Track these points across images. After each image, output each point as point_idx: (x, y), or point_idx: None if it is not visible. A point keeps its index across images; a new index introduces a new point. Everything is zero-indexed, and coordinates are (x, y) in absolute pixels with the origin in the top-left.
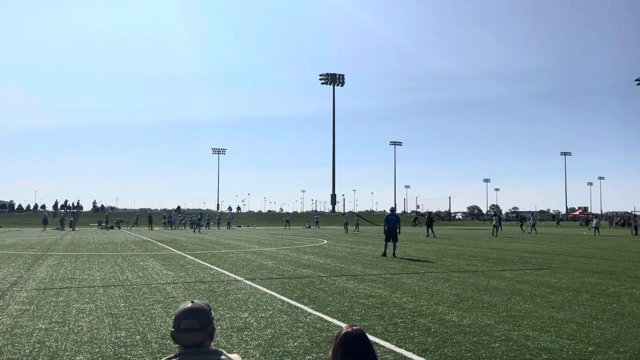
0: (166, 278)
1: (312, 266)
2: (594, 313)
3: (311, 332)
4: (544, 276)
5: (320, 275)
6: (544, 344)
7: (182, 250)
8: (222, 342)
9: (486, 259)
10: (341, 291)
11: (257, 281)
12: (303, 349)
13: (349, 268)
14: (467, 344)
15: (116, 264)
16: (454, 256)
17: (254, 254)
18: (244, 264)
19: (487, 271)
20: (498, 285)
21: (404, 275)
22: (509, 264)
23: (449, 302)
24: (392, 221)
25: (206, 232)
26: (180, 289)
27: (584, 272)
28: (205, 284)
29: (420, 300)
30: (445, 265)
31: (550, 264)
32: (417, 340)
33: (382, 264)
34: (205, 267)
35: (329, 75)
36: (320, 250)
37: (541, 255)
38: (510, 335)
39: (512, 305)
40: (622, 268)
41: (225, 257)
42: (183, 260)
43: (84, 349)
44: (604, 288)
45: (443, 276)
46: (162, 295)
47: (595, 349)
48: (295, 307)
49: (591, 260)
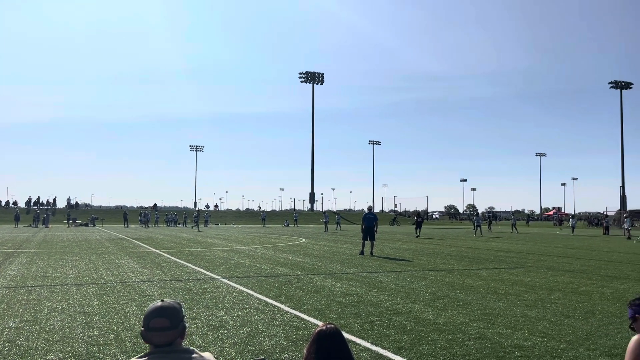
0: (141, 276)
1: (290, 264)
2: (565, 311)
3: (287, 331)
4: (518, 275)
5: (298, 273)
6: (517, 341)
7: (158, 248)
8: (197, 341)
9: (462, 257)
10: (318, 289)
11: (234, 279)
12: (279, 348)
13: (326, 266)
14: (442, 341)
15: (90, 261)
16: (431, 255)
17: (231, 252)
18: (220, 262)
19: (462, 270)
20: (473, 283)
21: (381, 274)
22: (485, 262)
23: (425, 300)
24: (370, 220)
25: (183, 231)
26: (156, 287)
27: (556, 271)
28: (182, 282)
29: (396, 298)
30: (421, 264)
31: (524, 263)
32: (392, 338)
33: (360, 262)
34: (181, 265)
35: (308, 74)
36: (298, 248)
37: (516, 254)
38: (485, 333)
39: (487, 304)
40: (593, 267)
41: (202, 255)
42: (159, 258)
43: (55, 348)
44: (576, 287)
45: (419, 275)
46: (137, 294)
47: (567, 346)
48: (272, 305)
49: (564, 260)
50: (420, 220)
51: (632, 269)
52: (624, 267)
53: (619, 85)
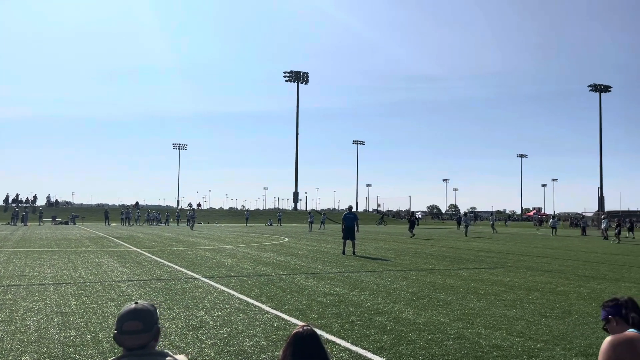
0: (121, 275)
1: (272, 264)
2: (543, 311)
3: (268, 331)
4: (498, 275)
5: (280, 273)
6: (495, 341)
7: (139, 247)
8: (176, 341)
9: (443, 257)
10: (300, 289)
11: (215, 279)
12: (259, 348)
13: (308, 266)
14: (421, 341)
15: (69, 260)
16: (413, 255)
17: (212, 252)
18: (202, 261)
19: (443, 270)
20: (454, 283)
21: (362, 274)
22: (465, 262)
23: (406, 300)
24: (350, 219)
25: (165, 229)
26: (136, 287)
27: (535, 271)
28: (162, 282)
29: (377, 298)
30: (403, 264)
31: (504, 263)
32: (372, 338)
33: (342, 262)
34: (162, 265)
35: (293, 73)
36: (281, 248)
37: (496, 254)
38: (464, 333)
39: (467, 304)
40: (571, 267)
41: (183, 255)
42: (140, 257)
43: (30, 349)
44: (554, 286)
45: (401, 274)
46: (117, 293)
47: (544, 345)
48: (253, 305)
49: (543, 260)
50: (414, 219)
51: (608, 269)
52: (601, 267)
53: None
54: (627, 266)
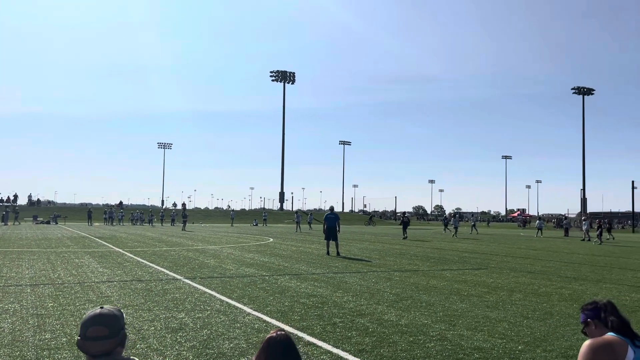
0: (101, 276)
1: (256, 265)
2: (525, 312)
3: (248, 333)
4: (481, 276)
5: (263, 274)
6: (477, 343)
7: (121, 247)
8: (154, 344)
9: (427, 258)
10: (283, 290)
11: (197, 280)
12: (238, 351)
13: (292, 267)
14: (403, 343)
15: (48, 261)
16: (397, 255)
17: (196, 252)
18: (184, 262)
19: (427, 270)
20: (437, 284)
21: (346, 274)
22: (449, 263)
23: (389, 301)
24: (332, 220)
25: (149, 229)
26: (116, 288)
27: (518, 272)
28: (143, 283)
29: (360, 299)
30: (387, 265)
31: (488, 264)
32: (354, 340)
33: (326, 262)
34: (144, 265)
35: (279, 73)
36: (266, 248)
37: (480, 255)
38: (446, 335)
39: (450, 305)
40: (553, 268)
41: (165, 255)
42: (121, 257)
43: (3, 352)
44: (536, 288)
45: (385, 275)
46: (95, 295)
47: (525, 347)
48: (235, 307)
49: (526, 261)
50: (407, 220)
51: (590, 270)
52: (583, 268)
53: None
54: (608, 267)
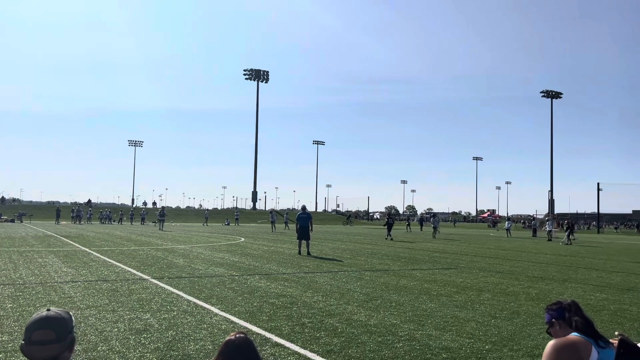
0: (65, 276)
1: (225, 265)
2: (493, 312)
3: (215, 334)
4: (451, 276)
5: (233, 274)
6: (444, 343)
7: (87, 246)
8: (116, 346)
9: (398, 258)
10: (252, 291)
11: (165, 280)
12: (204, 352)
13: (263, 267)
14: (371, 344)
15: (10, 260)
16: (368, 255)
17: (165, 252)
18: (152, 261)
19: (398, 270)
20: (407, 284)
21: (317, 274)
22: (420, 263)
23: (359, 301)
24: (304, 219)
25: (117, 228)
26: (80, 289)
27: (487, 272)
28: (108, 283)
29: (330, 299)
30: (358, 264)
31: (457, 264)
32: (322, 341)
33: (297, 262)
34: (110, 265)
35: (253, 71)
36: (236, 248)
37: (450, 255)
38: (414, 335)
39: (419, 305)
40: (521, 268)
41: (134, 255)
42: (87, 257)
43: None
44: (504, 287)
45: (355, 275)
46: (58, 295)
47: (492, 347)
48: (202, 307)
49: (495, 261)
50: (392, 221)
51: (556, 270)
52: (549, 268)
53: (550, 94)
54: (574, 267)
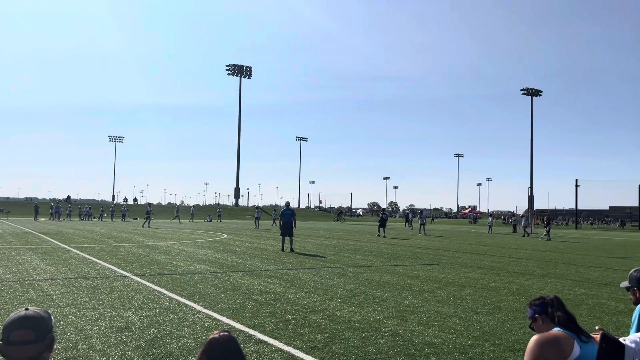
0: (44, 274)
1: (208, 261)
2: (475, 307)
3: (197, 332)
4: (433, 271)
5: (215, 271)
6: (427, 338)
7: (67, 243)
8: (97, 345)
9: (381, 254)
10: (235, 287)
11: (146, 277)
12: (186, 350)
13: (246, 263)
14: (355, 340)
15: None
16: (351, 251)
17: (146, 249)
18: (134, 258)
19: (381, 266)
20: (390, 280)
21: (300, 271)
22: (402, 259)
23: (342, 297)
24: (287, 216)
25: (98, 225)
26: (59, 286)
27: (469, 268)
28: (88, 281)
29: (314, 295)
30: (342, 260)
31: (439, 260)
32: (306, 337)
33: (281, 259)
34: (90, 262)
35: (235, 67)
36: (219, 245)
37: (432, 251)
38: (397, 331)
39: (402, 300)
40: (502, 264)
41: (114, 252)
42: (67, 254)
43: None
44: (486, 283)
45: (339, 271)
46: (36, 293)
47: (474, 342)
48: (184, 304)
49: (476, 256)
50: (385, 217)
51: (536, 265)
52: (530, 263)
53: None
54: (553, 262)
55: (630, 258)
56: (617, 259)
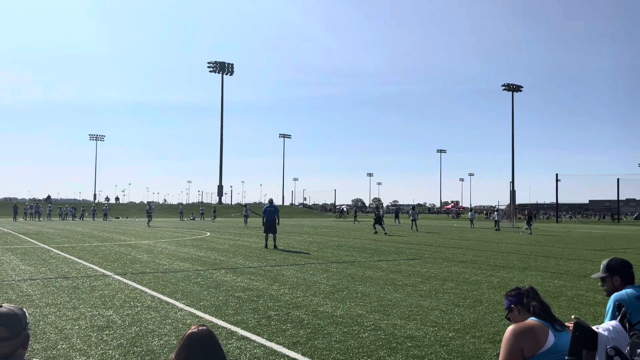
0: (23, 274)
1: (191, 259)
2: (456, 300)
3: (179, 329)
4: (415, 266)
5: (198, 268)
6: (409, 331)
7: (47, 243)
8: (77, 344)
9: (364, 249)
10: (218, 285)
11: (128, 276)
12: (168, 348)
13: (229, 261)
14: (337, 334)
15: None
16: (335, 247)
17: (128, 247)
18: (115, 257)
19: (364, 262)
20: (373, 275)
21: (284, 267)
22: (385, 254)
23: (325, 292)
24: (271, 213)
25: (79, 224)
26: (38, 286)
27: (451, 262)
28: (69, 280)
29: (297, 291)
30: (325, 256)
31: (422, 254)
32: (289, 333)
33: (264, 256)
34: (71, 262)
35: (217, 64)
36: (202, 242)
37: (415, 246)
38: (380, 325)
39: (384, 295)
40: (484, 257)
41: (96, 251)
42: (47, 254)
43: None
44: (467, 276)
45: (322, 267)
46: (15, 294)
47: (455, 334)
48: (166, 302)
49: (458, 251)
50: (382, 214)
51: (517, 259)
52: (511, 257)
53: (511, 87)
54: (533, 256)
55: (608, 250)
56: (596, 251)
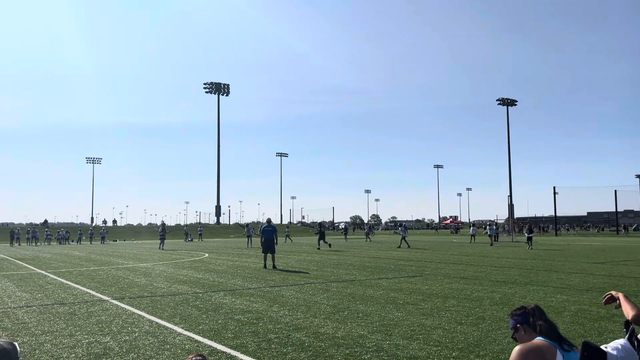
0: (19, 301)
1: (189, 282)
2: (459, 318)
3: (178, 355)
4: (416, 283)
5: (197, 291)
6: (412, 352)
7: (44, 268)
8: None
9: (364, 267)
10: (217, 307)
11: (126, 300)
12: None
13: (227, 282)
14: (339, 356)
15: None
16: (334, 266)
17: (126, 271)
18: (113, 282)
19: (364, 280)
20: (374, 294)
21: (283, 288)
22: (385, 272)
23: (326, 313)
24: (269, 232)
25: (76, 248)
26: (34, 314)
27: (452, 278)
28: (65, 306)
29: (297, 313)
30: (324, 276)
31: (422, 271)
32: (289, 356)
33: (263, 276)
34: (68, 287)
35: (213, 84)
36: (200, 264)
37: (415, 262)
38: (382, 345)
39: (386, 314)
40: (485, 273)
41: (93, 275)
42: (43, 280)
43: None
44: (469, 293)
45: (322, 287)
46: (11, 321)
47: (459, 354)
48: (165, 327)
49: (459, 267)
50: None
51: (518, 274)
52: (511, 272)
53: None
54: (534, 270)
55: (610, 263)
56: (597, 264)
